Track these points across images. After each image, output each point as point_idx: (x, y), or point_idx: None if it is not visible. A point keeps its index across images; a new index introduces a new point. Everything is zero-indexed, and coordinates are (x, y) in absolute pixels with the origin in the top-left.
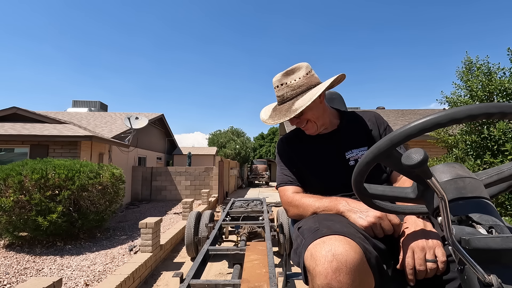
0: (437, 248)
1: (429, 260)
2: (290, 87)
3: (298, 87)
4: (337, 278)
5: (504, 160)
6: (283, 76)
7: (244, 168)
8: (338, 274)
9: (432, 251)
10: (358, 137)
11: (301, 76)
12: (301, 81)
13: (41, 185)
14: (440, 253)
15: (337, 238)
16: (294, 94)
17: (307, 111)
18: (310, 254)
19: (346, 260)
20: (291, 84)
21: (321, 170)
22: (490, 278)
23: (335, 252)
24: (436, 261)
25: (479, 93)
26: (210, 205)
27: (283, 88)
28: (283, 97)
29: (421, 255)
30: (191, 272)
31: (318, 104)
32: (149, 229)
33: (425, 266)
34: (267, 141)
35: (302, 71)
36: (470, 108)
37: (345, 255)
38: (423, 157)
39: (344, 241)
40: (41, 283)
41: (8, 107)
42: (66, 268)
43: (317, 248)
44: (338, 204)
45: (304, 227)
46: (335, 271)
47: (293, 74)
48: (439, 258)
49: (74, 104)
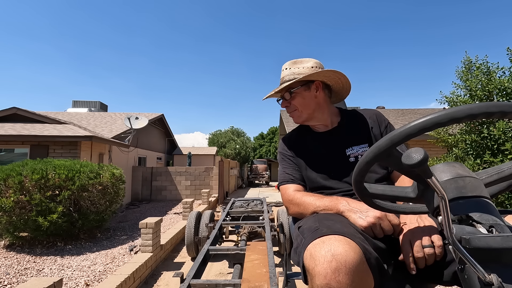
0: (433, 234)
1: (425, 245)
2: (291, 72)
3: (298, 74)
4: (336, 278)
5: (504, 159)
6: (291, 63)
7: (244, 168)
8: (337, 274)
9: (428, 237)
10: (358, 134)
11: (305, 67)
12: (303, 71)
13: (41, 186)
14: (436, 238)
15: (337, 238)
16: (291, 78)
17: (297, 97)
18: (309, 254)
19: (345, 261)
20: (294, 70)
21: (322, 167)
22: (490, 277)
23: (334, 252)
24: (433, 246)
25: (479, 92)
26: (210, 205)
27: (285, 71)
28: (283, 79)
29: (417, 242)
30: (191, 272)
31: (310, 96)
32: (149, 229)
33: (422, 253)
34: (267, 140)
35: (309, 64)
36: (470, 107)
37: (344, 255)
38: (423, 156)
39: (344, 241)
40: (41, 283)
41: (8, 107)
42: (66, 268)
43: (316, 248)
44: (339, 203)
45: (304, 226)
46: (334, 271)
47: (300, 63)
48: (435, 243)
49: (74, 104)
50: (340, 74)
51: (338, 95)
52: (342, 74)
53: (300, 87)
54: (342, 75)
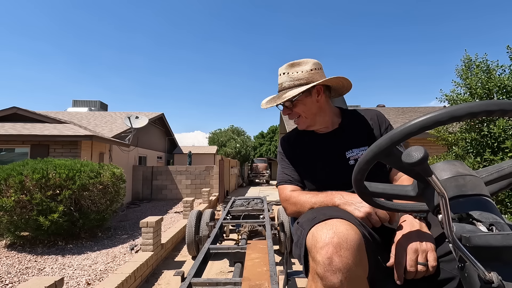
0: (430, 252)
1: (420, 263)
2: (290, 77)
3: (297, 80)
4: (338, 252)
5: (504, 158)
6: (289, 66)
7: (244, 167)
8: (339, 248)
9: (425, 254)
10: (359, 137)
11: (304, 70)
12: (302, 75)
13: (42, 185)
14: (431, 257)
15: (338, 220)
16: (292, 85)
17: (299, 105)
18: (311, 235)
19: (347, 238)
20: (292, 75)
21: (321, 169)
22: (490, 275)
23: (336, 230)
24: (426, 265)
25: (479, 90)
26: (211, 204)
27: (284, 77)
28: (282, 85)
29: (413, 256)
30: (192, 270)
31: (312, 102)
32: (150, 228)
33: (415, 268)
34: (267, 139)
35: (307, 66)
36: (470, 105)
37: (345, 234)
38: (424, 155)
39: (345, 223)
40: (43, 282)
41: (8, 107)
42: (67, 268)
43: (318, 228)
44: (334, 198)
45: (303, 220)
46: (336, 246)
47: (298, 66)
48: (430, 263)
49: (74, 103)
50: (342, 78)
51: (338, 91)
52: (345, 78)
53: (301, 94)
54: (344, 78)
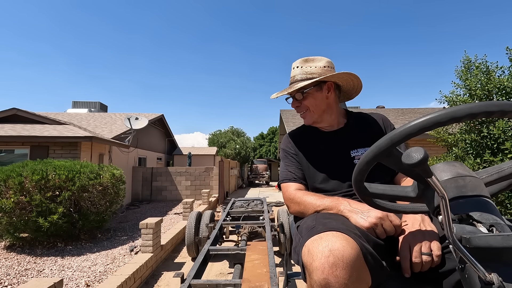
0: (433, 242)
1: (424, 253)
2: (303, 71)
3: (310, 74)
4: (334, 273)
5: (504, 159)
6: (303, 61)
7: (244, 168)
8: (335, 269)
9: (428, 244)
10: (364, 137)
11: (318, 66)
12: (315, 70)
13: (41, 186)
14: (435, 247)
15: (334, 234)
16: (304, 77)
17: (309, 98)
18: (307, 250)
19: (343, 256)
20: (305, 69)
21: (326, 167)
22: (491, 276)
23: (332, 248)
24: (431, 254)
25: (478, 91)
26: (211, 205)
27: (297, 70)
28: (294, 78)
29: (417, 248)
30: (192, 272)
31: (322, 97)
32: (149, 230)
33: (420, 259)
34: (267, 140)
35: (321, 63)
36: (470, 106)
37: (341, 250)
38: (424, 155)
39: (341, 237)
40: (42, 284)
41: (8, 108)
42: (67, 269)
43: (314, 244)
44: (340, 204)
45: (303, 225)
46: (331, 266)
47: (312, 62)
48: (434, 252)
49: (74, 105)
50: (354, 75)
51: (347, 94)
52: (356, 75)
53: (312, 87)
54: (355, 76)
